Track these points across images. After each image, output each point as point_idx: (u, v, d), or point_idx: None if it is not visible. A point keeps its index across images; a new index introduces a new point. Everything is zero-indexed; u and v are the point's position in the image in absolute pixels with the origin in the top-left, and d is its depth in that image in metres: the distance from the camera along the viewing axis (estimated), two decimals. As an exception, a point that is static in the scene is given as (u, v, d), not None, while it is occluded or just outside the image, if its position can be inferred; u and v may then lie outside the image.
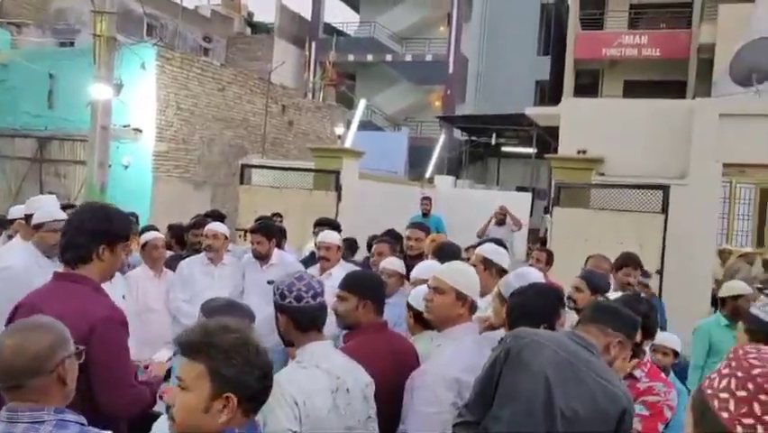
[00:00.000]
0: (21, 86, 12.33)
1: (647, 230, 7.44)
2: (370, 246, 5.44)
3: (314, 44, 26.71)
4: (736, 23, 15.94)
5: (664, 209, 7.48)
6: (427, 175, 16.83)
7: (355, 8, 30.56)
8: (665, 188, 7.54)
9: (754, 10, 13.94)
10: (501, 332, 2.51)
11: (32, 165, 12.47)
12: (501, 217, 10.61)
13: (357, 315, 2.58)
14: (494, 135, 20.87)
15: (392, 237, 4.98)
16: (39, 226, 3.61)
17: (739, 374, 0.98)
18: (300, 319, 2.20)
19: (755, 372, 0.97)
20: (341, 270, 4.09)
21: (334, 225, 5.72)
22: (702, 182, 7.86)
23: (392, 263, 3.94)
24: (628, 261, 4.50)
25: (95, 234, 2.33)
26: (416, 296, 2.91)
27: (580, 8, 22.26)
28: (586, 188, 8.27)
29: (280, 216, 7.50)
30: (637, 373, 2.60)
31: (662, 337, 2.79)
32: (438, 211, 11.75)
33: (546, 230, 10.18)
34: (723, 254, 8.81)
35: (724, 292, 4.43)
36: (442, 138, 18.44)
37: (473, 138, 23.33)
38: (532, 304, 2.29)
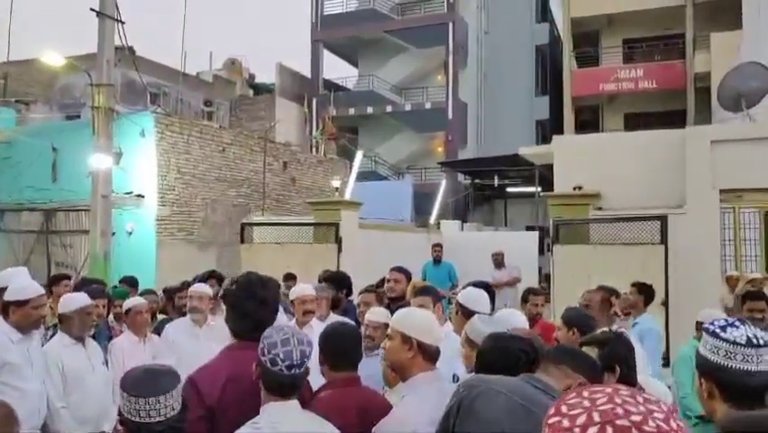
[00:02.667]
0: (25, 161, 12.58)
1: (648, 262, 7.33)
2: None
3: (314, 101, 27.20)
4: (729, 51, 16.08)
5: (663, 240, 7.38)
6: (432, 220, 16.79)
7: (353, 63, 31.19)
8: (663, 219, 7.46)
9: (743, 36, 14.06)
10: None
11: (39, 237, 12.60)
12: (498, 259, 10.54)
13: (321, 370, 2.55)
14: (496, 177, 20.88)
15: (375, 287, 4.93)
16: (22, 303, 3.57)
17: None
18: (267, 381, 2.15)
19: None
20: (321, 325, 4.04)
21: (341, 279, 5.67)
22: (700, 210, 7.77)
23: (376, 314, 3.86)
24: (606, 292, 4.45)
25: None
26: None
27: (574, 47, 22.59)
28: (584, 223, 8.20)
29: (294, 279, 7.11)
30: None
31: (648, 385, 2.67)
32: (446, 257, 11.68)
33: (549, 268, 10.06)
34: (731, 281, 8.61)
35: (699, 317, 4.43)
36: (444, 183, 18.47)
37: (477, 181, 23.38)
38: (493, 355, 2.21)
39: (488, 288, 3.84)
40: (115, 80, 9.78)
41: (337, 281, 5.63)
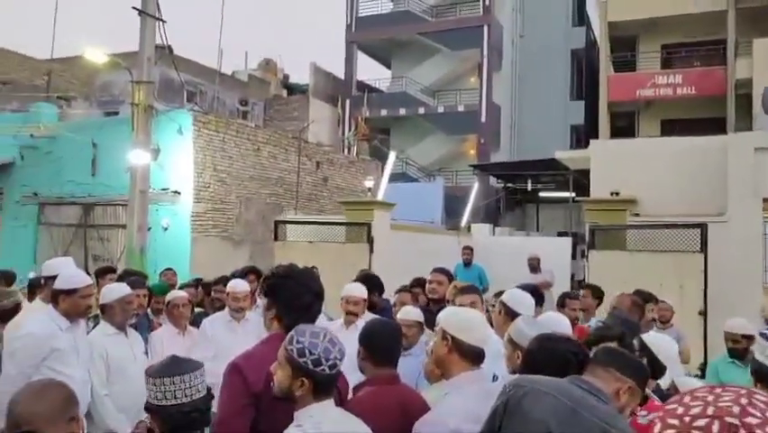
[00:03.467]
0: (66, 156, 12.87)
1: (687, 270, 7.20)
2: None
3: (347, 102, 27.33)
4: (772, 57, 15.71)
5: (703, 248, 7.24)
6: (463, 223, 16.71)
7: (387, 65, 31.26)
8: (703, 227, 7.32)
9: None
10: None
11: (77, 231, 12.88)
12: (534, 264, 10.45)
13: (362, 366, 2.55)
14: (529, 181, 20.71)
15: (421, 286, 4.94)
16: (71, 292, 3.67)
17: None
18: (320, 384, 2.11)
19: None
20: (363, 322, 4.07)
21: (374, 281, 5.67)
22: (742, 218, 7.61)
23: (409, 313, 3.88)
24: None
25: None
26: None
27: (610, 51, 22.27)
28: (621, 229, 8.09)
29: (315, 268, 7.40)
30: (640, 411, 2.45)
31: (683, 383, 2.66)
32: (477, 260, 11.62)
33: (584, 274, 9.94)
34: (772, 292, 8.43)
35: (726, 327, 4.42)
36: (476, 186, 18.36)
37: (509, 185, 23.21)
38: (540, 356, 2.20)
39: (536, 291, 3.86)
40: (154, 78, 9.93)
41: (369, 282, 5.64)
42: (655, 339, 2.93)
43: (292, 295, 2.45)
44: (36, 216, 13.42)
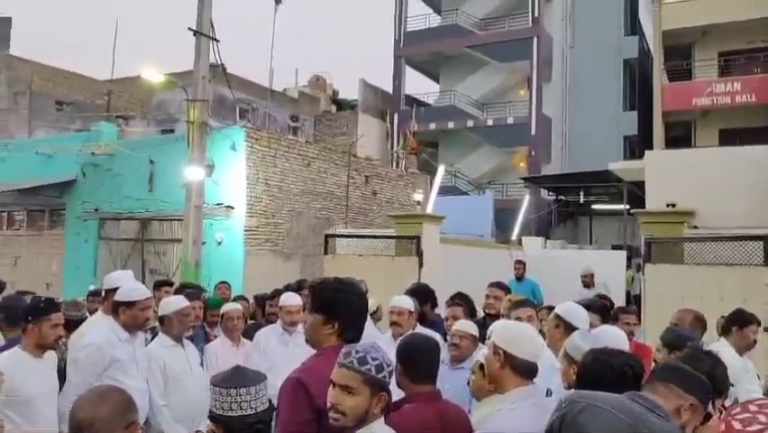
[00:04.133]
0: (125, 173, 13.34)
1: (749, 284, 6.92)
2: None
3: (396, 116, 27.46)
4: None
5: (767, 261, 6.95)
6: (514, 237, 16.51)
7: (435, 79, 31.31)
8: (766, 239, 7.03)
9: None
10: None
11: (135, 245, 13.30)
12: (587, 280, 10.22)
13: (400, 381, 2.55)
14: (582, 193, 20.35)
15: (463, 301, 4.90)
16: (130, 304, 3.79)
17: None
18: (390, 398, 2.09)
19: None
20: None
21: (425, 292, 5.66)
22: (808, 230, 7.27)
23: (464, 325, 3.87)
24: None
25: None
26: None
27: (665, 60, 21.76)
28: (678, 242, 7.85)
29: (363, 282, 7.44)
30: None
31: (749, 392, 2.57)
32: (528, 273, 11.44)
33: (639, 289, 9.68)
34: (842, 308, 8.00)
35: None
36: (527, 199, 18.15)
37: (561, 197, 22.85)
38: (596, 370, 2.15)
39: (604, 307, 3.81)
40: (208, 96, 10.20)
41: (421, 295, 5.62)
42: (723, 355, 2.84)
43: (355, 309, 2.45)
44: (96, 231, 13.93)
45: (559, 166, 26.46)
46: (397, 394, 2.60)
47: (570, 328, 3.02)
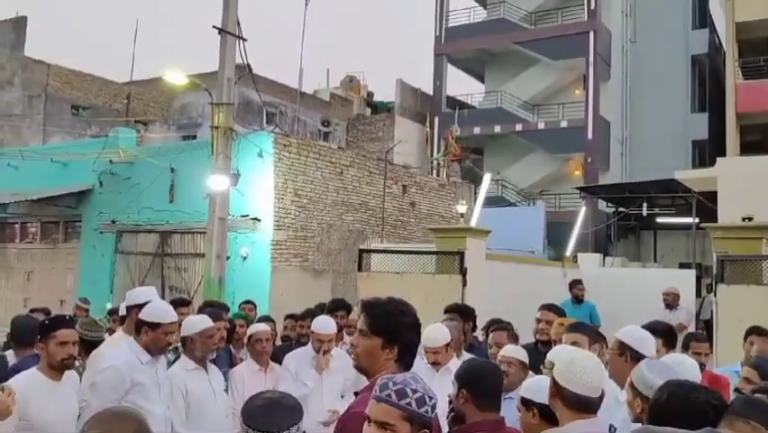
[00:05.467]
0: (144, 182, 13.63)
1: (839, 308, 6.72)
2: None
3: (437, 119, 27.49)
4: None
5: None
6: (568, 253, 16.33)
7: (480, 78, 31.28)
8: None
9: None
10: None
11: (155, 259, 13.56)
12: (669, 300, 10.01)
13: (463, 410, 2.54)
14: (645, 205, 20.03)
15: (507, 324, 4.90)
16: (154, 326, 3.87)
17: None
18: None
19: None
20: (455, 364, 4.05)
21: (467, 312, 5.66)
22: None
23: (512, 350, 3.87)
24: None
25: None
26: (536, 387, 2.83)
27: (739, 55, 21.34)
28: (756, 260, 7.67)
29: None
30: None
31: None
32: (585, 296, 11.30)
33: (711, 312, 9.46)
34: None
35: None
36: (583, 211, 17.95)
37: (621, 209, 22.54)
38: (672, 406, 2.12)
39: (671, 332, 3.76)
40: (234, 99, 10.37)
41: (464, 312, 5.62)
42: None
43: (415, 332, 2.48)
44: (113, 244, 14.25)
45: (619, 174, 26.12)
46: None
47: (634, 357, 2.98)
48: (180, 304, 5.93)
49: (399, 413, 1.97)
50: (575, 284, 10.61)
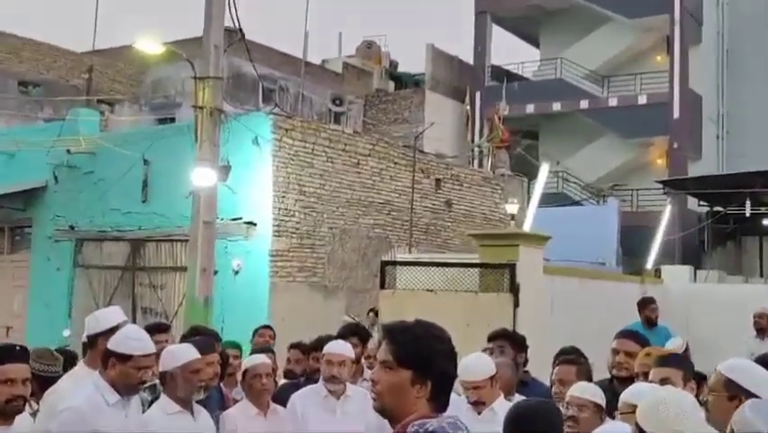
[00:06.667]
0: (110, 177, 13.74)
1: None
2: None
3: (478, 95, 27.42)
4: None
5: None
6: (649, 265, 16.22)
7: (533, 43, 31.22)
8: None
9: None
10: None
11: (124, 274, 13.68)
12: (762, 324, 9.90)
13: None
14: (748, 203, 19.85)
15: (577, 356, 4.87)
16: (124, 358, 3.89)
17: None
18: None
19: None
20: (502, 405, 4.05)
21: (519, 341, 5.67)
22: None
23: (584, 390, 3.84)
24: None
25: None
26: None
27: None
28: None
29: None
30: None
31: None
32: (669, 318, 11.23)
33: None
34: None
35: None
36: (668, 211, 17.80)
37: (718, 209, 22.35)
38: None
39: None
40: (223, 72, 10.42)
41: (514, 340, 5.61)
42: None
43: (448, 365, 2.46)
44: (72, 255, 14.39)
45: (714, 164, 25.91)
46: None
47: (741, 395, 2.96)
48: (157, 330, 5.95)
49: None
50: (646, 303, 10.50)
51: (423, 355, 2.40)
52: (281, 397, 5.08)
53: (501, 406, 3.91)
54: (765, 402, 2.64)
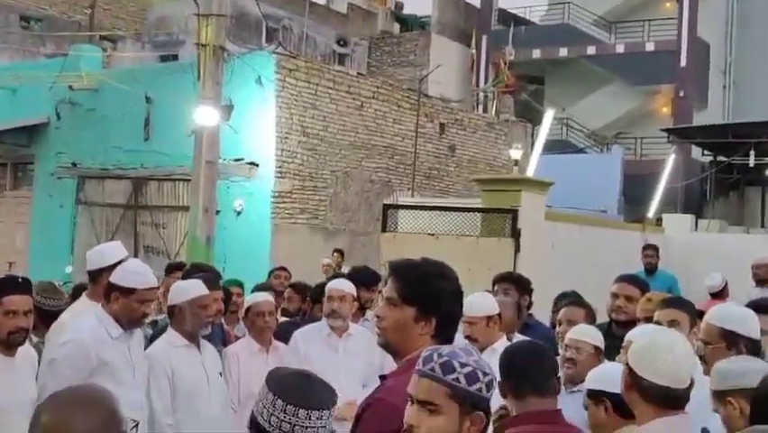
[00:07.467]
0: (112, 114, 13.71)
1: None
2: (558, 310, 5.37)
3: (484, 39, 27.19)
4: None
5: None
6: (651, 213, 16.28)
7: (542, -15, 30.81)
8: None
9: None
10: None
11: (126, 213, 13.72)
12: (761, 274, 9.94)
13: (510, 405, 2.62)
14: (752, 153, 19.81)
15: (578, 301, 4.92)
16: (127, 291, 3.95)
17: None
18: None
19: None
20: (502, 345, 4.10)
21: (524, 283, 5.71)
22: None
23: (583, 332, 3.87)
24: None
25: None
26: (606, 375, 2.88)
27: None
28: None
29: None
30: None
31: None
32: (670, 266, 11.30)
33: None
34: None
35: None
36: (672, 159, 17.83)
37: (721, 159, 22.30)
38: None
39: None
40: (226, 10, 10.33)
41: (518, 283, 5.66)
42: None
43: (454, 303, 2.51)
44: (74, 192, 14.42)
45: (719, 113, 25.79)
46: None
47: (740, 342, 3.00)
48: (178, 269, 6.05)
49: (444, 390, 2.01)
50: (645, 251, 10.55)
51: (428, 293, 2.44)
52: (281, 334, 5.15)
53: (503, 346, 3.96)
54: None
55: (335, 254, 11.45)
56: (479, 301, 4.49)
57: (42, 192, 14.94)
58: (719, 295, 9.40)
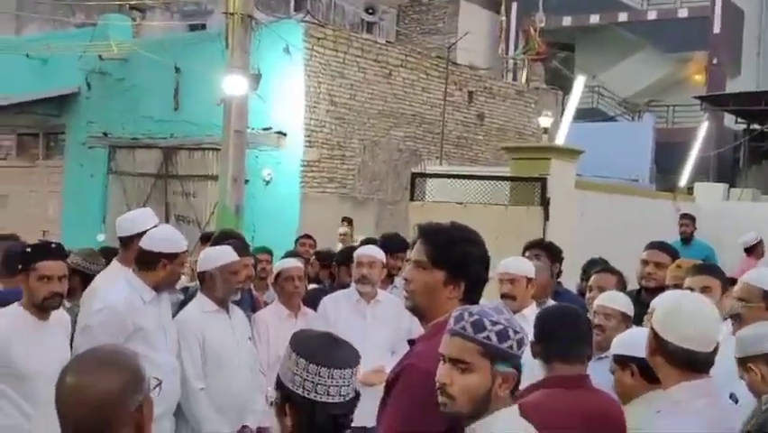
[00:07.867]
0: (142, 84, 13.78)
1: None
2: (587, 278, 5.37)
3: (514, 6, 26.91)
4: None
5: None
6: (683, 182, 16.13)
7: (573, -49, 30.38)
8: None
9: None
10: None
11: (156, 182, 13.84)
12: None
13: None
14: (787, 121, 19.55)
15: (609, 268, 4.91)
16: (172, 257, 4.01)
17: None
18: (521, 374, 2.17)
19: None
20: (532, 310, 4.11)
21: (555, 251, 5.72)
22: None
23: (613, 300, 3.87)
24: None
25: None
26: (633, 340, 2.88)
27: None
28: None
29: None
30: None
31: None
32: (701, 236, 11.23)
33: None
34: None
35: None
36: (705, 127, 17.62)
37: (755, 127, 22.02)
38: None
39: None
40: (254, -22, 10.34)
41: (550, 250, 5.66)
42: None
43: (481, 268, 2.53)
44: (106, 162, 14.57)
45: (753, 81, 25.42)
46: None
47: None
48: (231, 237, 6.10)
49: (476, 348, 2.05)
50: (681, 220, 10.49)
51: (457, 257, 2.48)
52: (309, 301, 5.21)
53: (532, 312, 3.98)
54: None
55: (344, 223, 11.43)
56: (520, 262, 4.54)
57: (74, 162, 15.10)
58: (753, 250, 9.36)
